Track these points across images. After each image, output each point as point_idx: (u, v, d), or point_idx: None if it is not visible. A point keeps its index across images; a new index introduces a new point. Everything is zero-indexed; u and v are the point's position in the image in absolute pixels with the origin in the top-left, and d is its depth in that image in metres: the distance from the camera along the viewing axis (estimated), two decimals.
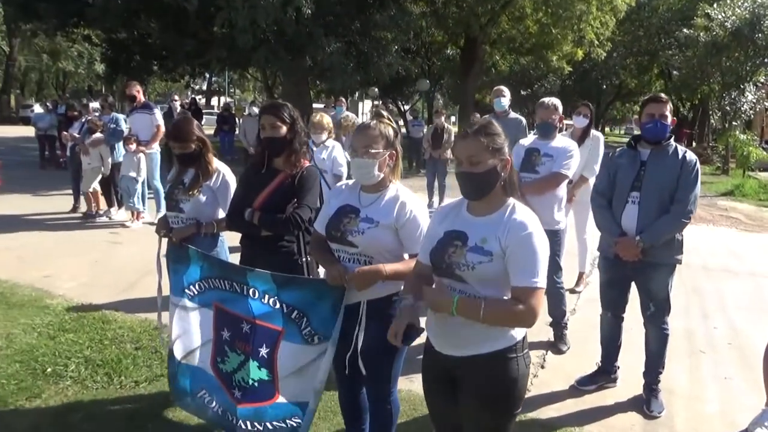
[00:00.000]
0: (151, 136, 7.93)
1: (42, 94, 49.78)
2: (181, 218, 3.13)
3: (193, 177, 3.12)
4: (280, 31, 13.14)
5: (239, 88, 60.36)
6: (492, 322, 1.86)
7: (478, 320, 1.83)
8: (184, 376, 2.93)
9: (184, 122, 3.15)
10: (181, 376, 2.94)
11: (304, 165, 2.88)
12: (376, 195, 2.37)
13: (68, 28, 17.82)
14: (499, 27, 20.89)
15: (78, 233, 7.48)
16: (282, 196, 2.80)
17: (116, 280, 5.58)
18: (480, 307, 1.80)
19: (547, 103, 4.22)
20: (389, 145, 2.36)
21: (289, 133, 2.83)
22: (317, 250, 2.49)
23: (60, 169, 13.68)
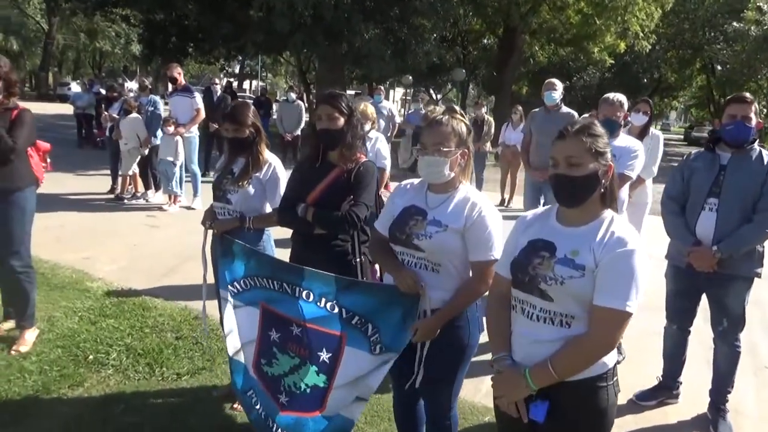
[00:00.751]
0: (190, 119, 7.86)
1: (78, 73, 50.76)
2: (228, 209, 3.00)
3: (243, 167, 2.98)
4: (318, 16, 12.96)
5: (271, 72, 60.45)
6: (574, 374, 1.71)
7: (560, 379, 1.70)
8: (237, 372, 2.82)
9: (242, 106, 3.02)
10: (234, 371, 2.84)
11: (361, 159, 2.72)
12: (445, 196, 2.20)
13: (107, 7, 17.95)
14: (540, 16, 20.35)
15: (116, 215, 7.48)
16: (337, 192, 2.65)
17: (155, 265, 5.54)
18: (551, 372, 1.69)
19: (612, 99, 3.98)
20: (461, 143, 2.18)
21: (346, 125, 2.67)
22: (380, 252, 2.33)
23: (97, 149, 13.82)
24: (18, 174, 3.37)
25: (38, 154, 3.63)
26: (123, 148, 7.91)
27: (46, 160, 3.78)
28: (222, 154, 11.08)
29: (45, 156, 3.74)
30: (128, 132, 7.86)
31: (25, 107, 3.43)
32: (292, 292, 2.47)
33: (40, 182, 3.60)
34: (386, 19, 14.54)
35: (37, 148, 3.63)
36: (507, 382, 1.78)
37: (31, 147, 3.53)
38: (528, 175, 5.93)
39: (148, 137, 7.95)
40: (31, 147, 3.53)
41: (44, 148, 3.73)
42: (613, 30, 19.41)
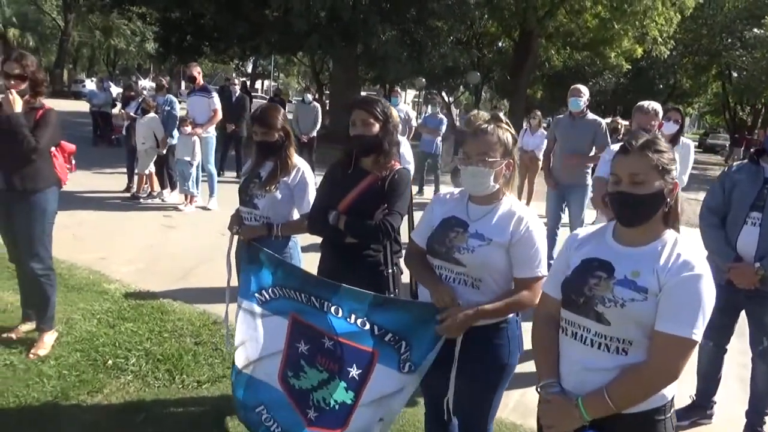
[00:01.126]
0: (207, 120, 7.82)
1: (93, 70, 51.15)
2: (255, 215, 2.92)
3: (270, 171, 2.91)
4: (334, 17, 12.91)
5: (283, 72, 60.55)
6: (632, 405, 1.61)
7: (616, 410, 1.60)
8: (240, 386, 2.72)
9: (272, 109, 2.95)
10: (237, 386, 2.74)
11: (395, 167, 2.63)
12: (488, 208, 2.10)
13: (124, 5, 18.03)
14: (556, 20, 20.18)
15: (132, 214, 7.44)
16: (370, 200, 2.56)
17: (172, 266, 5.48)
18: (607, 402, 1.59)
19: (647, 108, 3.87)
20: (507, 154, 2.08)
21: (381, 132, 2.58)
22: (416, 265, 2.24)
23: (112, 147, 13.84)
24: (41, 175, 3.31)
25: (63, 155, 3.57)
26: (140, 147, 7.88)
27: (71, 162, 3.73)
28: (238, 154, 11.13)
29: (70, 157, 3.69)
30: (145, 131, 7.82)
31: (51, 107, 3.39)
32: (321, 306, 2.39)
33: (63, 183, 3.55)
34: (403, 20, 14.47)
35: (62, 148, 3.58)
36: (557, 411, 1.68)
37: (56, 148, 3.48)
38: (547, 183, 5.83)
39: (165, 137, 7.92)
40: (56, 148, 3.48)
41: (69, 149, 3.67)
42: (631, 35, 19.22)
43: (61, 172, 3.49)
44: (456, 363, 2.05)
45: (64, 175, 3.55)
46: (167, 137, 7.93)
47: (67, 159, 3.63)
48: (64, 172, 3.53)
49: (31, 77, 3.24)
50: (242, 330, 2.72)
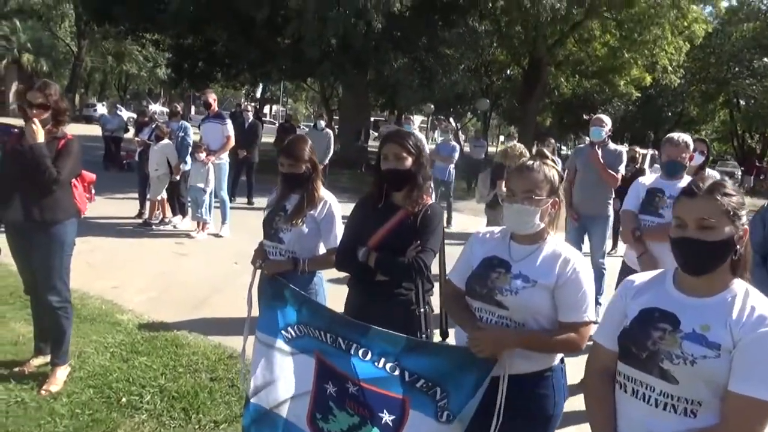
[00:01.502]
0: (220, 146, 7.79)
1: (104, 95, 51.78)
2: (280, 249, 2.83)
3: (297, 204, 2.82)
4: (346, 44, 13.00)
5: (292, 98, 61.17)
6: None
7: None
8: (265, 427, 2.59)
9: (300, 140, 2.89)
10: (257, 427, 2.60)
11: (427, 202, 2.54)
12: (532, 247, 2.00)
13: (138, 32, 18.27)
14: (566, 48, 20.32)
15: (144, 241, 7.37)
16: (402, 237, 2.46)
17: (185, 296, 5.38)
18: None
19: (677, 140, 3.78)
20: (553, 192, 1.99)
21: (414, 166, 2.50)
22: (454, 307, 2.13)
23: (123, 171, 13.87)
24: (60, 205, 3.24)
25: (83, 185, 3.51)
26: (153, 173, 7.84)
27: (91, 191, 3.66)
28: (249, 180, 11.08)
29: (89, 186, 3.63)
30: (159, 158, 7.80)
31: (73, 137, 3.34)
32: (347, 348, 2.27)
33: (81, 213, 3.48)
34: (414, 48, 14.56)
35: (82, 178, 3.53)
36: None
37: (76, 177, 3.42)
38: (568, 215, 5.72)
39: (178, 163, 7.89)
40: (76, 177, 3.42)
41: (89, 178, 3.62)
42: (641, 63, 19.29)
43: (80, 202, 3.43)
44: (499, 412, 1.92)
45: (84, 205, 3.49)
46: (180, 164, 7.90)
47: (86, 188, 3.57)
48: (83, 202, 3.47)
49: (53, 106, 3.19)
50: (266, 368, 2.60)
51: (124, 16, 15.99)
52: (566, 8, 14.40)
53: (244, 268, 6.38)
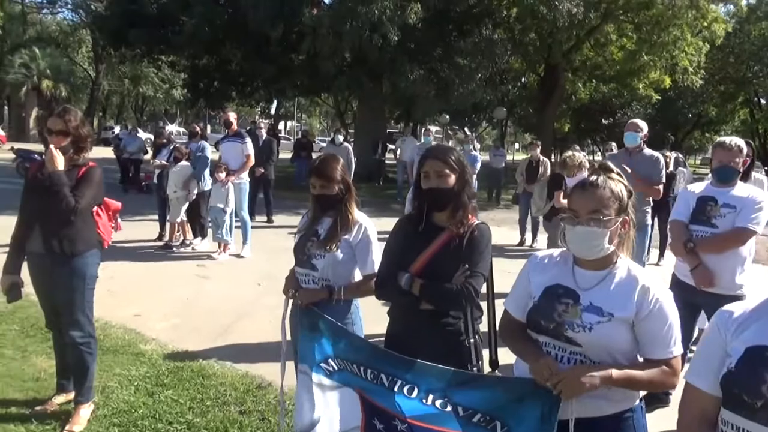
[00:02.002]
0: (240, 165, 7.67)
1: (122, 117, 52.54)
2: (313, 277, 2.64)
3: (330, 228, 2.63)
4: (362, 58, 12.91)
5: (306, 113, 61.50)
6: None
7: None
8: None
9: (331, 159, 2.69)
10: None
11: (473, 222, 2.33)
12: (602, 274, 1.78)
13: (154, 54, 18.42)
14: (582, 54, 20.05)
15: (165, 265, 7.24)
16: (448, 261, 2.26)
17: (209, 322, 5.21)
18: None
19: (729, 144, 3.53)
20: (622, 210, 1.77)
21: (457, 183, 2.30)
22: (515, 339, 1.91)
23: (142, 193, 13.86)
24: (80, 236, 3.09)
25: (107, 214, 3.37)
26: (172, 195, 7.74)
27: (116, 220, 3.52)
28: (267, 198, 10.96)
29: (115, 215, 3.48)
30: (177, 179, 7.69)
31: (95, 164, 3.20)
32: (390, 385, 2.08)
33: (105, 245, 3.33)
34: (429, 59, 14.43)
35: (107, 206, 3.38)
36: None
37: (99, 207, 3.27)
38: None
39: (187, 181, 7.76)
40: (99, 207, 3.27)
41: (114, 207, 3.47)
42: (660, 65, 18.94)
43: (104, 232, 3.27)
44: None
45: (108, 235, 3.33)
46: (194, 180, 7.79)
47: (111, 217, 3.42)
48: (107, 232, 3.32)
49: (73, 133, 3.05)
50: (311, 402, 2.41)
51: (139, 39, 16.13)
52: (583, 13, 14.18)
53: (268, 289, 6.25)
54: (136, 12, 16.20)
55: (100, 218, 3.25)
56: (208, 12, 14.22)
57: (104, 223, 3.29)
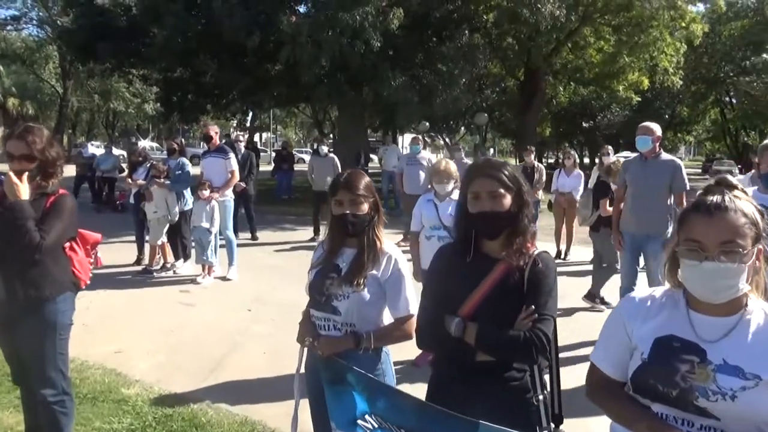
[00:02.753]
0: (224, 182, 7.18)
1: (92, 134, 51.29)
2: (335, 322, 2.19)
3: (354, 261, 2.19)
4: (343, 66, 12.51)
5: (281, 124, 60.82)
6: None
7: None
8: None
9: (358, 175, 2.25)
10: None
11: (533, 251, 1.93)
12: (730, 321, 1.39)
13: (124, 68, 17.77)
14: (561, 57, 19.97)
15: (145, 292, 6.70)
16: (506, 300, 1.85)
17: (197, 357, 4.71)
18: None
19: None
20: (758, 237, 1.39)
21: (514, 205, 1.90)
22: (613, 401, 1.51)
23: (116, 212, 13.23)
24: (50, 278, 2.59)
25: (84, 248, 2.87)
26: (152, 216, 7.20)
27: (95, 255, 3.02)
28: (249, 213, 10.40)
29: (94, 249, 2.99)
30: (157, 199, 7.17)
31: (66, 192, 2.71)
32: None
33: (82, 284, 2.84)
34: (411, 65, 14.09)
35: (83, 240, 2.87)
36: None
37: (73, 240, 2.78)
38: (625, 232, 5.12)
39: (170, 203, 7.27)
40: (73, 240, 2.78)
41: (92, 239, 2.97)
42: (639, 66, 18.95)
43: (80, 270, 2.78)
44: None
45: (86, 273, 2.84)
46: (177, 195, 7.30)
47: (89, 252, 2.93)
48: (84, 270, 2.82)
49: (39, 157, 2.57)
50: None
51: (108, 52, 15.50)
52: (565, 15, 14.01)
53: (258, 315, 5.77)
54: (104, 24, 15.57)
55: (75, 254, 2.75)
56: (181, 22, 13.67)
57: (80, 259, 2.80)
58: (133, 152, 8.29)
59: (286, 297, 6.48)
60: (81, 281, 2.79)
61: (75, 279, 2.76)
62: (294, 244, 9.95)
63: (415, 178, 9.69)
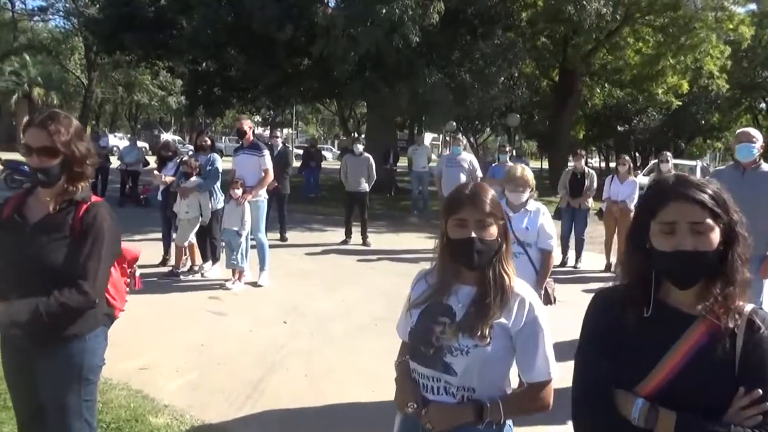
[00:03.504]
0: (257, 182, 6.70)
1: (116, 125, 51.59)
2: (447, 384, 1.65)
3: (476, 304, 1.65)
4: (378, 61, 11.98)
5: (303, 121, 60.55)
6: None
7: None
8: None
9: (486, 189, 1.69)
10: None
11: (745, 307, 1.37)
12: None
13: (151, 59, 17.45)
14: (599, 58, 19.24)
15: (172, 298, 6.22)
16: (711, 377, 1.30)
17: (232, 379, 4.22)
18: None
19: None
20: None
21: (723, 242, 1.34)
22: None
23: (139, 206, 12.87)
24: (77, 314, 2.02)
25: (120, 267, 2.32)
26: (183, 216, 6.73)
27: (134, 275, 2.46)
28: (281, 215, 9.91)
29: (131, 267, 2.43)
30: (189, 198, 6.70)
31: (100, 200, 2.13)
32: None
33: (116, 314, 2.29)
34: (447, 63, 13.50)
35: (121, 257, 2.31)
36: None
37: None
38: None
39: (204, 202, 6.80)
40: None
41: (131, 255, 2.41)
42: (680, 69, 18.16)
43: (115, 297, 2.22)
44: None
45: (121, 299, 2.29)
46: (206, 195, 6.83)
47: (124, 270, 2.38)
48: (120, 295, 2.27)
49: (65, 151, 1.98)
50: None
51: (135, 43, 15.16)
52: (611, 13, 13.33)
53: (295, 328, 5.26)
54: (131, 15, 15.25)
55: (110, 276, 2.17)
56: (211, 14, 13.25)
57: (115, 281, 2.23)
58: (163, 146, 7.83)
59: (323, 308, 5.99)
60: (116, 310, 2.26)
61: (108, 309, 2.19)
62: (324, 246, 9.46)
63: (455, 181, 9.12)
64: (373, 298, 6.42)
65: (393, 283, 7.14)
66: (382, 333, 5.25)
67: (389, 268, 8.04)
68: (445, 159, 9.46)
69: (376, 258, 8.63)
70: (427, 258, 1.85)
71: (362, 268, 8.02)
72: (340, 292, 6.63)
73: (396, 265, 8.16)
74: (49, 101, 36.86)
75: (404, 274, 8.09)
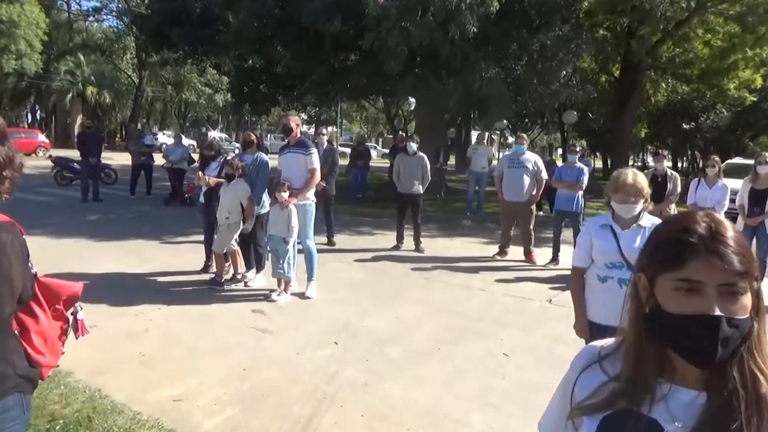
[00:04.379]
0: (304, 183, 6.11)
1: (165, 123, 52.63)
2: None
3: (712, 424, 0.95)
4: (432, 55, 11.27)
5: (347, 118, 60.28)
6: None
7: None
8: None
9: (729, 226, 0.91)
10: None
11: None
12: None
13: (197, 55, 17.28)
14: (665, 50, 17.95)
15: (212, 310, 5.69)
16: None
17: (277, 415, 3.61)
18: None
19: None
20: None
21: None
22: None
23: (184, 206, 12.58)
24: None
25: (50, 308, 1.64)
26: (222, 221, 6.20)
27: (75, 316, 1.75)
28: (328, 218, 9.34)
29: (69, 307, 1.72)
30: (231, 202, 6.17)
31: (10, 221, 1.48)
32: None
33: (44, 375, 1.62)
34: (504, 56, 12.67)
35: (50, 294, 1.65)
36: None
37: (34, 300, 1.60)
38: None
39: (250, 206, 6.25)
40: (34, 300, 1.60)
41: (68, 292, 1.71)
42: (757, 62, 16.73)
43: (42, 351, 1.56)
44: None
45: (53, 352, 1.62)
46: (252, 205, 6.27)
47: (61, 314, 1.70)
48: (52, 348, 1.61)
49: None
50: None
51: (182, 38, 14.97)
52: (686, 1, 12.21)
53: (348, 351, 4.60)
54: (178, 10, 15.06)
55: (33, 321, 1.55)
56: (257, 7, 12.84)
57: (42, 329, 1.59)
58: (207, 145, 7.35)
59: (377, 327, 5.35)
60: (42, 368, 1.59)
61: (30, 368, 1.55)
62: (374, 252, 8.82)
63: (517, 184, 8.36)
64: (431, 315, 5.75)
65: (452, 297, 6.47)
66: (445, 359, 4.62)
67: (446, 279, 7.34)
68: (506, 159, 8.66)
69: (430, 266, 7.94)
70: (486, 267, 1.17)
71: (417, 279, 7.35)
72: (394, 307, 5.97)
73: (453, 276, 7.46)
74: (101, 100, 37.79)
75: (463, 286, 7.46)
